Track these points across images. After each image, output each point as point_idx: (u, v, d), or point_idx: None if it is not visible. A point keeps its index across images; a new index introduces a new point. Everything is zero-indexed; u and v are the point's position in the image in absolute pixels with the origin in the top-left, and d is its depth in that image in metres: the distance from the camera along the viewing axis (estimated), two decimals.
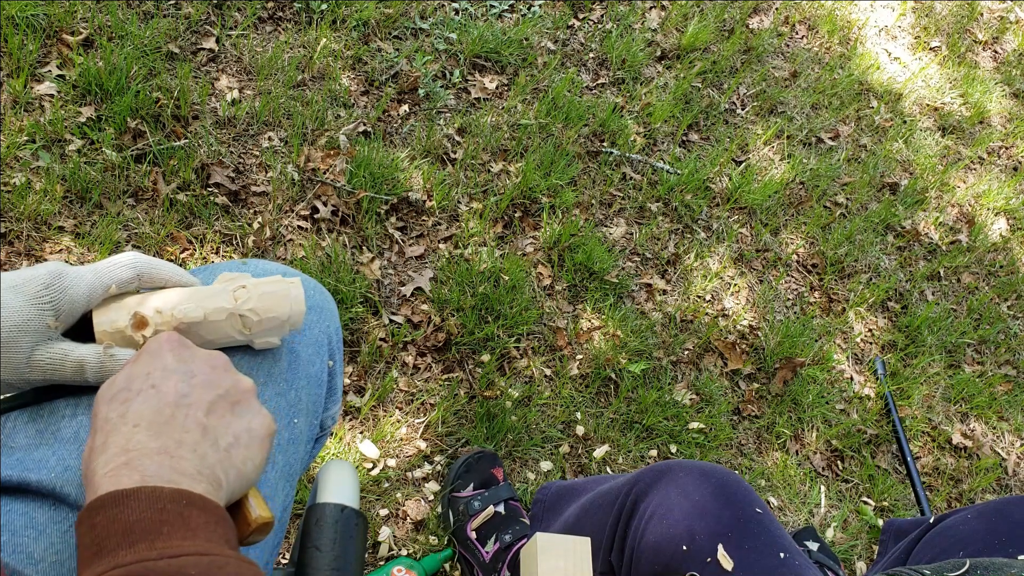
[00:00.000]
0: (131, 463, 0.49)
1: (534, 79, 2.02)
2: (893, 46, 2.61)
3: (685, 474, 0.92)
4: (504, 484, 1.37)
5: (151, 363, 0.55)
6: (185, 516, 0.47)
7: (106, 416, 0.52)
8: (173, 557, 0.45)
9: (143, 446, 0.50)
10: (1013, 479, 1.80)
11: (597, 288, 1.74)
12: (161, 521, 0.46)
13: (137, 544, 0.45)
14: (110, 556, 0.45)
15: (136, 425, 0.51)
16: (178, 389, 0.54)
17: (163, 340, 0.58)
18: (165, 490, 0.48)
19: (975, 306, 2.05)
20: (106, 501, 0.47)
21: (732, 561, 0.83)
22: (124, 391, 0.54)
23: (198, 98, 1.67)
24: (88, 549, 0.46)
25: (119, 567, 0.44)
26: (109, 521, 0.46)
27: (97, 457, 0.50)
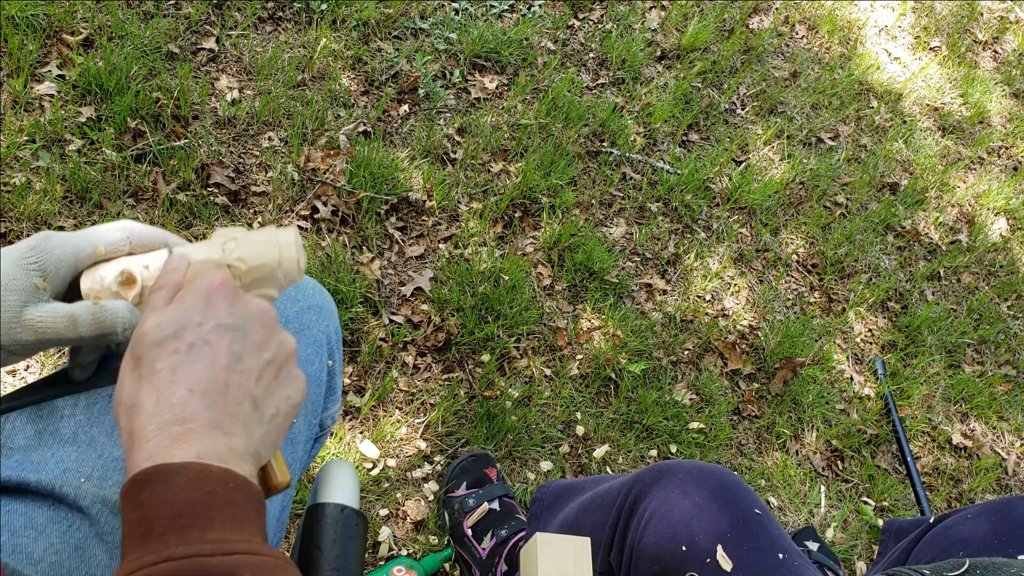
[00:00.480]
0: (187, 436, 0.47)
1: (534, 79, 2.02)
2: (893, 46, 2.61)
3: (685, 474, 0.92)
4: (498, 483, 1.38)
5: (204, 313, 0.51)
6: (232, 501, 0.46)
7: (154, 365, 0.49)
8: (227, 555, 0.44)
9: (199, 416, 0.48)
10: (1013, 479, 1.80)
11: (597, 288, 1.74)
12: (210, 506, 0.45)
13: (187, 531, 0.44)
14: (159, 542, 0.43)
15: (191, 390, 0.48)
16: (232, 350, 0.51)
17: (216, 284, 0.53)
18: (214, 469, 0.46)
19: (975, 306, 2.05)
20: (153, 475, 0.45)
21: (731, 562, 0.83)
22: (174, 340, 0.50)
23: (198, 98, 1.67)
24: (134, 528, 0.45)
25: (172, 559, 0.43)
26: (157, 500, 0.44)
27: (148, 417, 0.47)
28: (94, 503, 0.59)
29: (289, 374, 0.55)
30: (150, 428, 0.47)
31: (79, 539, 0.58)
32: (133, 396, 0.49)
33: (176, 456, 0.46)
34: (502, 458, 1.48)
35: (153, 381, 0.48)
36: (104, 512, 0.59)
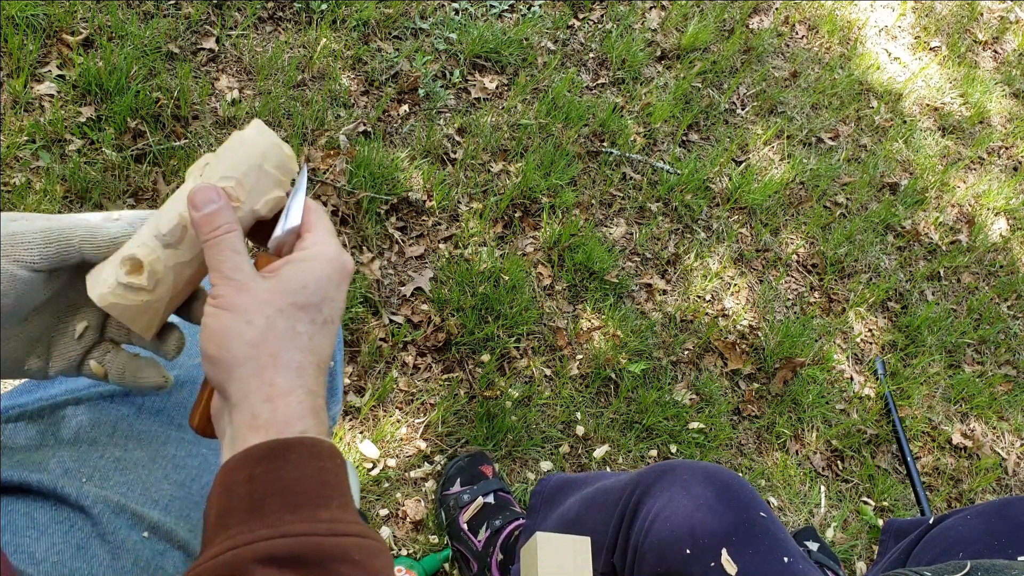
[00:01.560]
0: (318, 412, 0.49)
1: (534, 79, 2.02)
2: (893, 46, 2.61)
3: (689, 476, 0.92)
4: (493, 478, 1.38)
5: (336, 290, 0.52)
6: (339, 477, 0.47)
7: (295, 326, 0.50)
8: (340, 536, 0.44)
9: (320, 390, 0.50)
10: (1013, 479, 1.80)
11: (597, 288, 1.74)
12: (323, 483, 0.46)
13: (301, 509, 0.44)
14: (273, 518, 0.44)
15: (319, 365, 0.50)
16: (337, 332, 0.53)
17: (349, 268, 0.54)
18: (325, 445, 0.47)
19: (975, 306, 2.05)
20: (266, 452, 0.46)
21: (736, 565, 0.83)
22: (315, 310, 0.51)
23: (198, 98, 1.67)
24: (244, 502, 0.45)
25: (288, 536, 0.43)
26: (271, 477, 0.45)
27: (298, 379, 0.48)
28: (96, 503, 0.59)
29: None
30: (300, 391, 0.48)
31: (81, 539, 0.58)
32: (272, 345, 0.49)
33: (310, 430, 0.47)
34: (502, 458, 1.48)
35: (298, 343, 0.50)
36: (106, 512, 0.59)
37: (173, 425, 0.67)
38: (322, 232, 0.54)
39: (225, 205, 0.52)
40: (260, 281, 0.50)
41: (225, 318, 0.49)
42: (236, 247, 0.51)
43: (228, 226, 0.52)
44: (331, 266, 0.52)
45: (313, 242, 0.53)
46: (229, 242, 0.51)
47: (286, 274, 0.51)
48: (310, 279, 0.51)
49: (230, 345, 0.48)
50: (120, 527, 0.59)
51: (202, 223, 0.51)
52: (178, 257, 0.54)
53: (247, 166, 0.54)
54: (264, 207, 0.55)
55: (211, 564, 0.43)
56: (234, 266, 0.50)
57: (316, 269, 0.51)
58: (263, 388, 0.48)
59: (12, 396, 0.67)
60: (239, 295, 0.50)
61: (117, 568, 0.58)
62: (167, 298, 0.54)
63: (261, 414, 0.47)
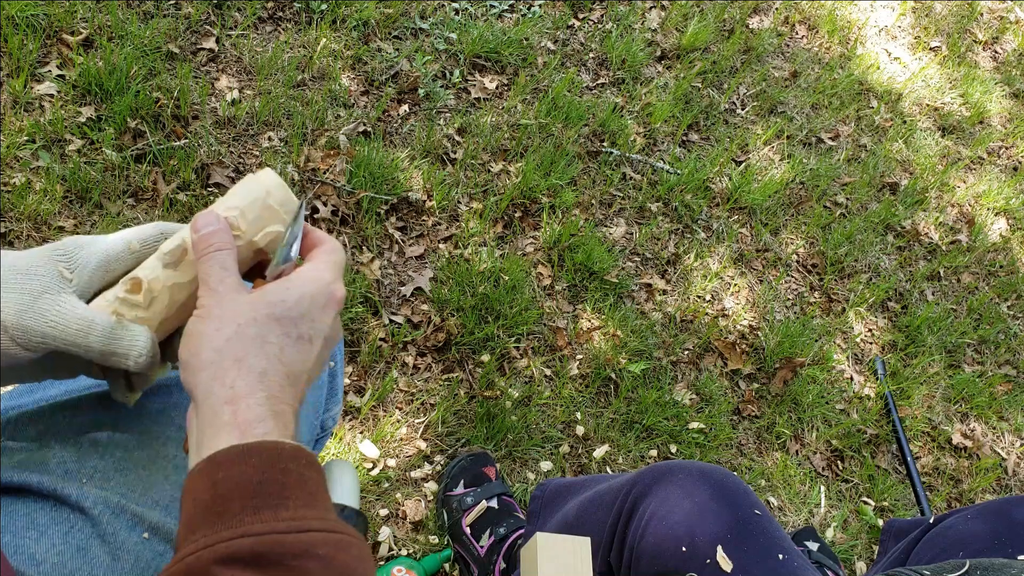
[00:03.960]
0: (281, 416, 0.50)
1: (534, 79, 2.02)
2: (893, 46, 2.61)
3: (685, 475, 0.92)
4: (496, 481, 1.38)
5: (320, 313, 0.54)
6: (305, 478, 0.47)
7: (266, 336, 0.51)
8: (302, 532, 0.45)
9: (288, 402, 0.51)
10: (1013, 479, 1.80)
11: (597, 288, 1.74)
12: (285, 484, 0.46)
13: (262, 510, 0.45)
14: (235, 520, 0.44)
15: (287, 376, 0.51)
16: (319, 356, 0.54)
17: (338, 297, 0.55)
18: (287, 447, 0.48)
19: (975, 306, 2.05)
20: (226, 458, 0.46)
21: (731, 563, 0.83)
22: (290, 323, 0.52)
23: (198, 98, 1.66)
24: (207, 506, 0.45)
25: (249, 535, 0.43)
26: (233, 480, 0.45)
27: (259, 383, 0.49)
28: (96, 504, 0.59)
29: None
30: (260, 394, 0.49)
31: (81, 540, 0.58)
32: (237, 350, 0.50)
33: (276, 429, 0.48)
34: (502, 458, 1.48)
35: (265, 350, 0.51)
36: (106, 513, 0.59)
37: (173, 426, 0.67)
38: (323, 263, 0.56)
39: (223, 227, 0.55)
40: (241, 294, 0.52)
41: (200, 324, 0.51)
42: (226, 264, 0.54)
43: (221, 244, 0.54)
44: (317, 288, 0.54)
45: (307, 268, 0.55)
46: (219, 258, 0.54)
47: (269, 288, 0.53)
48: (292, 295, 0.53)
49: (199, 349, 0.50)
50: (120, 528, 0.59)
51: (199, 242, 0.54)
52: (175, 278, 0.57)
53: (251, 199, 0.59)
54: (263, 239, 0.59)
55: (175, 569, 0.43)
56: (219, 279, 0.53)
57: (301, 287, 0.53)
58: (224, 391, 0.49)
59: (12, 396, 0.67)
60: (218, 305, 0.52)
61: (117, 569, 0.58)
62: (160, 317, 0.57)
63: (222, 415, 0.48)
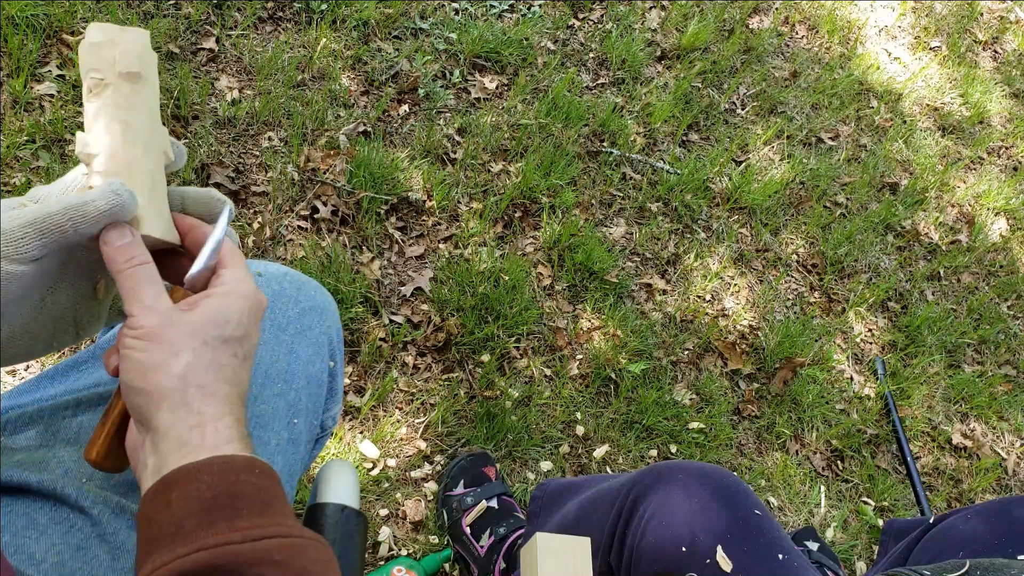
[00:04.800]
0: (245, 437, 0.50)
1: (534, 79, 2.02)
2: (893, 46, 2.61)
3: (684, 475, 0.92)
4: (496, 481, 1.38)
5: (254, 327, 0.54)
6: (259, 487, 0.47)
7: (219, 359, 0.51)
8: (256, 540, 0.45)
9: (245, 421, 0.51)
10: (1013, 479, 1.80)
11: (597, 288, 1.74)
12: (237, 495, 0.46)
13: (217, 523, 0.45)
14: (191, 537, 0.44)
15: (241, 396, 0.52)
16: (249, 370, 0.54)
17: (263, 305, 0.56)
18: (238, 459, 0.48)
19: (975, 306, 2.05)
20: (180, 476, 0.46)
21: (731, 563, 0.83)
22: (237, 345, 0.52)
23: (198, 98, 1.67)
24: (164, 527, 0.45)
25: (204, 549, 0.43)
26: (186, 498, 0.45)
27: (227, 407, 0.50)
28: (96, 504, 0.59)
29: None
30: (229, 418, 0.50)
31: (81, 539, 0.58)
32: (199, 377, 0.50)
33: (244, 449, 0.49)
34: (502, 458, 1.48)
35: (222, 374, 0.51)
36: (106, 513, 0.59)
37: None
38: (239, 268, 0.55)
39: (137, 240, 0.53)
40: (182, 313, 0.51)
41: (151, 350, 0.50)
42: (153, 278, 0.52)
43: (142, 257, 0.53)
44: (248, 302, 0.54)
45: (231, 278, 0.54)
46: (146, 273, 0.52)
47: (208, 307, 0.52)
48: (232, 314, 0.52)
49: (158, 378, 0.49)
50: (120, 527, 0.59)
51: (115, 255, 0.52)
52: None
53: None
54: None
55: None
56: (155, 295, 0.51)
57: (236, 304, 0.53)
58: (191, 417, 0.49)
59: (12, 396, 0.67)
60: (163, 327, 0.50)
61: (117, 568, 0.58)
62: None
63: (190, 440, 0.48)
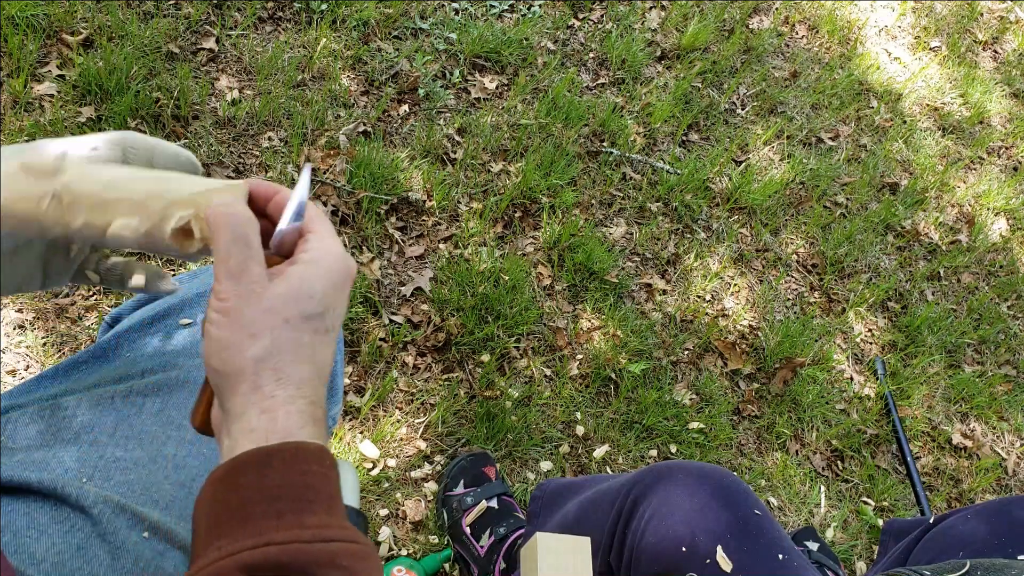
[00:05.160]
0: (319, 420, 0.48)
1: (534, 79, 2.02)
2: (893, 46, 2.61)
3: (684, 475, 0.92)
4: (496, 481, 1.38)
5: (339, 296, 0.51)
6: (328, 479, 0.47)
7: (300, 337, 0.48)
8: (326, 542, 0.44)
9: (321, 401, 0.49)
10: (1013, 479, 1.80)
11: (597, 288, 1.74)
12: (308, 486, 0.45)
13: (285, 515, 0.44)
14: (258, 526, 0.43)
15: (319, 376, 0.49)
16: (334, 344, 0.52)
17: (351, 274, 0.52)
18: (310, 447, 0.46)
19: (975, 306, 2.05)
20: (249, 461, 0.45)
21: (731, 563, 0.83)
22: (319, 319, 0.49)
23: (198, 98, 1.67)
24: (232, 511, 0.44)
25: (273, 544, 0.43)
26: (255, 484, 0.44)
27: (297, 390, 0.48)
28: (96, 503, 0.59)
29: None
30: (302, 402, 0.48)
31: (81, 539, 0.58)
32: (275, 360, 0.48)
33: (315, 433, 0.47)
34: (502, 458, 1.49)
35: (300, 354, 0.48)
36: (106, 512, 0.59)
37: (173, 425, 0.67)
38: (326, 234, 0.52)
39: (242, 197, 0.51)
40: (267, 287, 0.48)
41: (229, 328, 0.47)
42: (250, 242, 0.49)
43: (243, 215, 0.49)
44: (337, 270, 0.51)
45: (316, 245, 0.51)
46: (242, 235, 0.48)
47: (291, 280, 0.49)
48: (316, 287, 0.49)
49: (234, 359, 0.47)
50: (120, 527, 0.59)
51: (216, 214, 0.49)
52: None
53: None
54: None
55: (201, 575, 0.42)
56: (241, 264, 0.48)
57: (323, 275, 0.50)
58: (263, 401, 0.47)
59: (12, 396, 0.67)
60: (245, 303, 0.47)
61: (117, 568, 0.58)
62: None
63: (259, 426, 0.46)
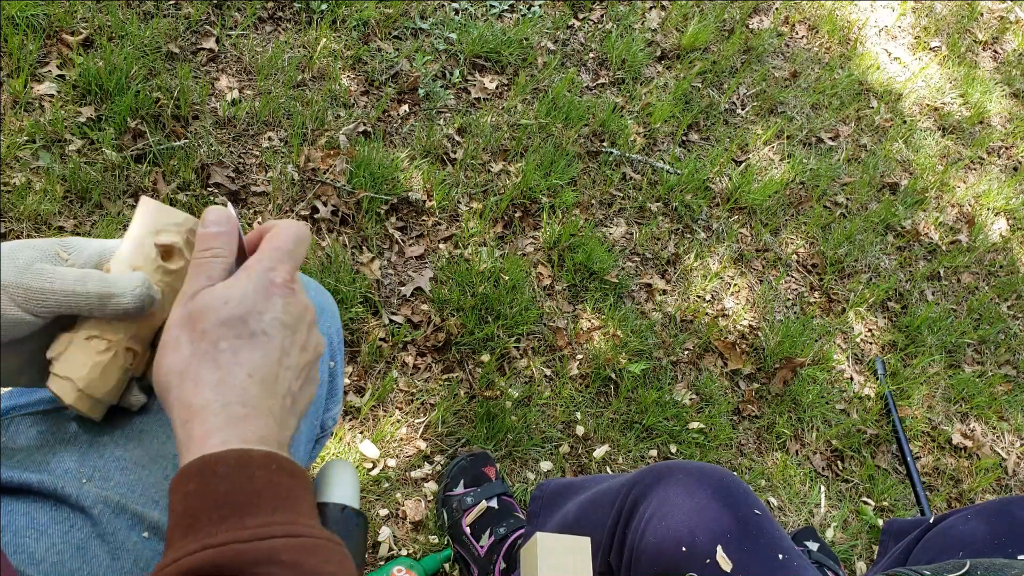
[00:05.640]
0: (248, 418, 0.48)
1: (534, 79, 2.02)
2: (893, 46, 2.61)
3: (684, 475, 0.92)
4: (496, 481, 1.38)
5: (265, 303, 0.52)
6: (275, 483, 0.47)
7: (218, 343, 0.50)
8: (264, 539, 0.44)
9: (258, 403, 0.49)
10: (1013, 479, 1.80)
11: (597, 288, 1.74)
12: (252, 491, 0.45)
13: (227, 519, 0.44)
14: (202, 533, 0.44)
15: (251, 376, 0.50)
16: (283, 346, 0.52)
17: (279, 282, 0.53)
18: (255, 454, 0.47)
19: (975, 306, 2.05)
20: (196, 469, 0.46)
21: (731, 563, 0.83)
22: (239, 323, 0.50)
23: (198, 98, 1.67)
24: (181, 520, 0.45)
25: (210, 547, 0.43)
26: (200, 491, 0.45)
27: (213, 392, 0.48)
28: (96, 503, 0.59)
29: (316, 375, 0.57)
30: (215, 404, 0.48)
31: (81, 539, 0.58)
32: (193, 368, 0.49)
33: (246, 435, 0.47)
34: (502, 458, 1.49)
35: (218, 359, 0.49)
36: (106, 512, 0.59)
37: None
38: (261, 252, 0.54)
39: (230, 229, 0.54)
40: (188, 303, 0.51)
41: (163, 344, 0.51)
42: (212, 275, 0.53)
43: (219, 250, 0.53)
44: (255, 279, 0.52)
45: (251, 260, 0.54)
46: (209, 267, 0.52)
47: (210, 292, 0.52)
48: (234, 293, 0.51)
49: (160, 375, 0.50)
50: (120, 527, 0.59)
51: (200, 239, 0.53)
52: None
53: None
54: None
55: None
56: (195, 288, 0.52)
57: (242, 284, 0.52)
58: (183, 411, 0.49)
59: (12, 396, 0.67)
60: (175, 319, 0.51)
61: (117, 568, 0.58)
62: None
63: (181, 437, 0.48)
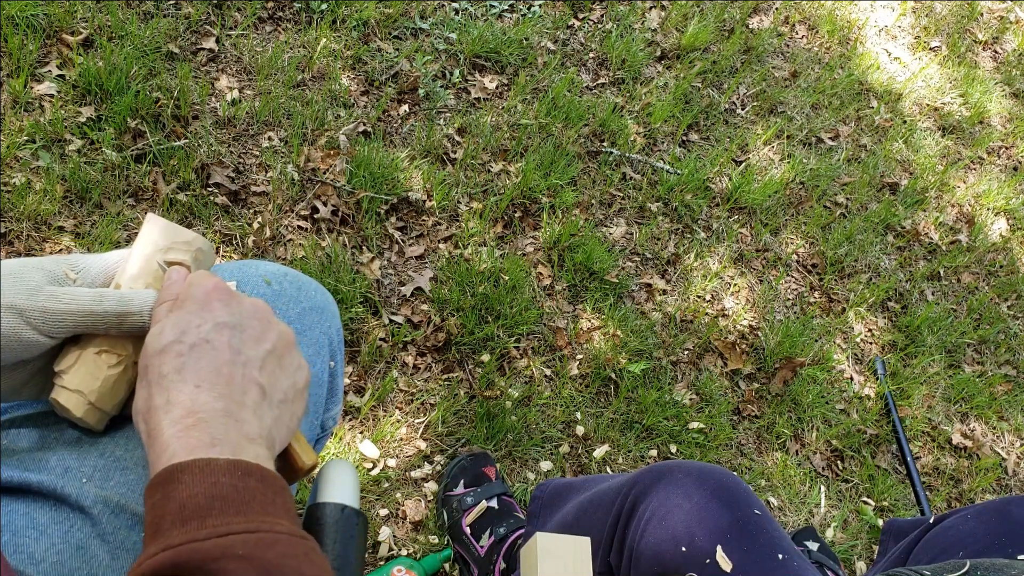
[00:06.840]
0: (199, 425, 0.49)
1: (534, 79, 2.02)
2: (893, 46, 2.61)
3: (684, 475, 0.92)
4: (496, 481, 1.38)
5: (200, 314, 0.53)
6: (239, 488, 0.47)
7: (160, 371, 0.51)
8: (221, 536, 0.44)
9: (209, 407, 0.50)
10: (1013, 479, 1.80)
11: (597, 288, 1.74)
12: (214, 496, 0.46)
13: (189, 522, 0.45)
14: (164, 536, 0.45)
15: (198, 385, 0.50)
16: (231, 345, 0.53)
17: (210, 288, 0.55)
18: (219, 461, 0.48)
19: (975, 306, 2.05)
20: (164, 477, 0.47)
21: (731, 563, 0.83)
22: (176, 344, 0.52)
23: (198, 98, 1.66)
24: (149, 528, 0.46)
25: (168, 548, 0.44)
26: (166, 499, 0.46)
27: (162, 416, 0.49)
28: (96, 503, 0.59)
29: (292, 362, 0.57)
30: (164, 423, 0.49)
31: (80, 539, 0.58)
32: (146, 401, 0.51)
33: (193, 444, 0.48)
34: (502, 458, 1.49)
35: (163, 384, 0.51)
36: (106, 512, 0.59)
37: None
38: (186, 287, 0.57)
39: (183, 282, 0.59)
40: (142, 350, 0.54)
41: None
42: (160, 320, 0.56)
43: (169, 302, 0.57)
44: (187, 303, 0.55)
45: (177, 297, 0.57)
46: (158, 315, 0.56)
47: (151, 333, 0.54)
48: (167, 323, 0.53)
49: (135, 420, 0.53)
50: (120, 527, 0.59)
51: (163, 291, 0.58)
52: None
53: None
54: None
55: None
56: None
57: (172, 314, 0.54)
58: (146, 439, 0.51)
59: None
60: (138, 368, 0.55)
61: (116, 568, 0.58)
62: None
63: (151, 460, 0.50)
